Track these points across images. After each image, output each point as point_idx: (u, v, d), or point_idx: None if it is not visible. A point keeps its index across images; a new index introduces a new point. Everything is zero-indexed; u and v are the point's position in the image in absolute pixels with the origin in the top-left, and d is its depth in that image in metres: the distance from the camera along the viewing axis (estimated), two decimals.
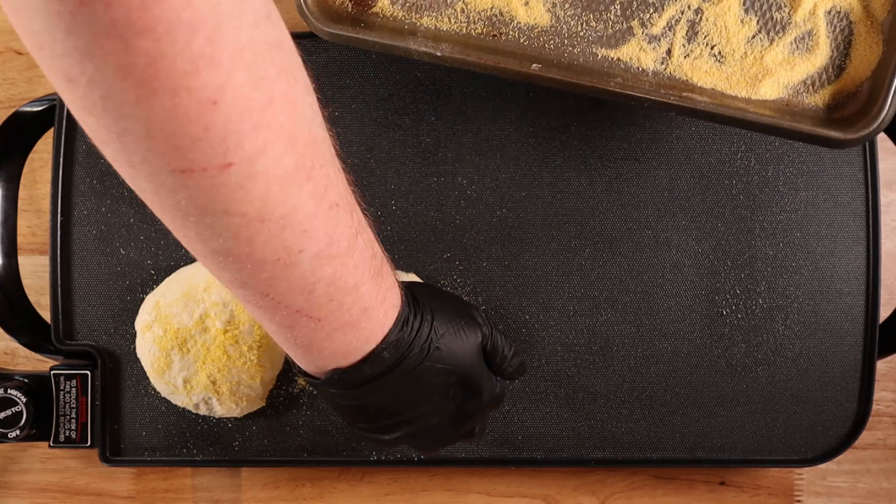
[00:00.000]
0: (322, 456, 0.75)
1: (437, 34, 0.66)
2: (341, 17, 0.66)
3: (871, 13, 0.63)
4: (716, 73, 0.65)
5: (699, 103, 0.63)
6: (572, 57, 0.65)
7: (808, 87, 0.64)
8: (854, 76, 0.64)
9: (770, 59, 0.64)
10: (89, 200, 0.75)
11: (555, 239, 0.75)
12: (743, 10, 0.64)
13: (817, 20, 0.64)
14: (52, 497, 0.82)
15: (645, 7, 0.65)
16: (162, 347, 0.72)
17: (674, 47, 0.65)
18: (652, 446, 0.75)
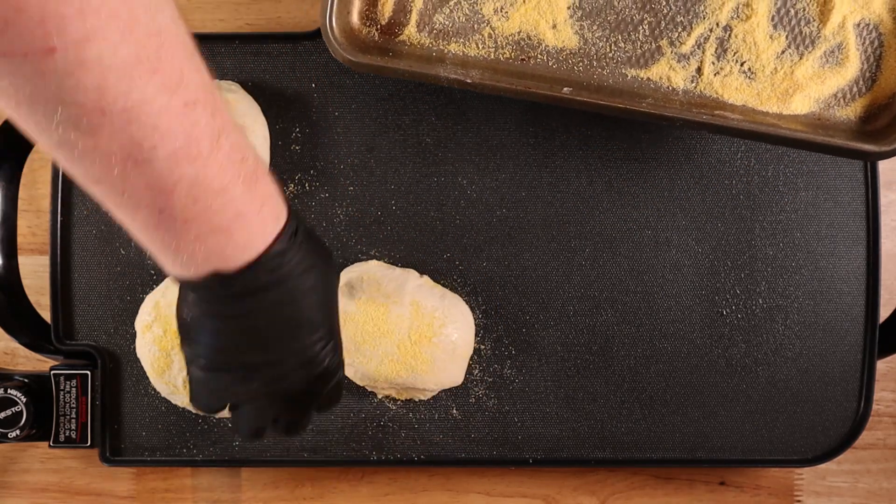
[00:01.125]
0: (322, 456, 0.75)
1: (466, 60, 0.66)
2: (368, 47, 0.66)
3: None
4: (746, 89, 0.65)
5: (731, 121, 0.63)
6: (602, 78, 0.65)
7: (839, 101, 0.64)
8: (885, 87, 0.64)
9: (800, 73, 0.64)
10: (89, 200, 0.75)
11: (555, 239, 0.75)
12: (772, 26, 0.64)
13: (847, 33, 0.64)
14: (52, 497, 0.82)
15: (674, 26, 0.65)
16: (162, 347, 0.72)
17: (704, 65, 0.65)
18: (652, 446, 0.75)
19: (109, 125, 0.43)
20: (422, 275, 0.74)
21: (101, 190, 0.48)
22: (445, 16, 0.66)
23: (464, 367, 0.73)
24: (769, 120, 0.64)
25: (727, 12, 0.64)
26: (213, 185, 0.48)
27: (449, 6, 0.66)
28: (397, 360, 0.71)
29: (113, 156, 0.44)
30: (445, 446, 0.75)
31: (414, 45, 0.67)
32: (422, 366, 0.71)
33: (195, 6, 0.84)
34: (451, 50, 0.66)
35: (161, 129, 0.44)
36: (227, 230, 0.50)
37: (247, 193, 0.50)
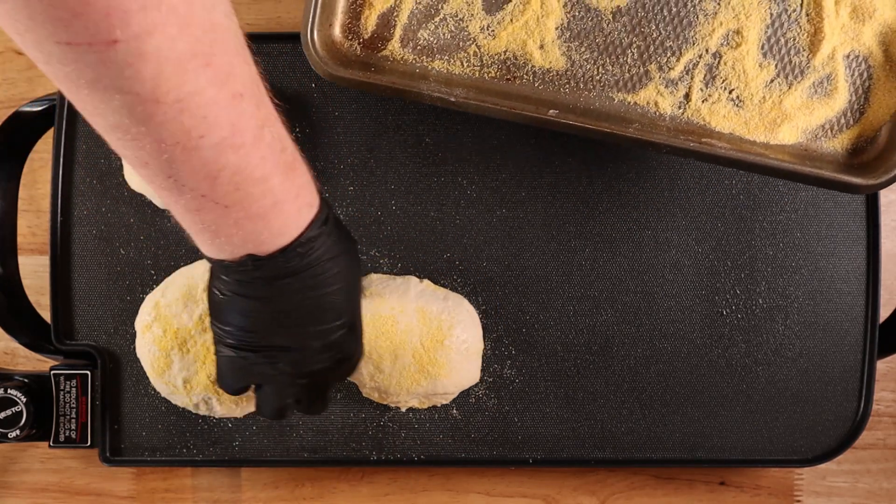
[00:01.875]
0: (322, 456, 0.75)
1: (450, 78, 0.65)
2: (350, 61, 0.65)
3: (890, 57, 0.63)
4: (734, 117, 0.64)
5: (719, 149, 0.62)
6: (588, 101, 0.64)
7: (826, 132, 0.64)
8: (873, 120, 0.63)
9: (789, 103, 0.64)
10: (89, 200, 0.75)
11: (555, 239, 0.75)
12: (761, 54, 0.64)
13: (836, 64, 0.63)
14: (52, 497, 0.82)
15: (663, 51, 0.64)
16: (162, 347, 0.72)
17: (692, 91, 0.64)
18: (652, 446, 0.75)
19: (162, 114, 0.45)
20: (421, 279, 0.74)
21: (147, 172, 0.49)
22: (430, 32, 0.65)
23: (478, 363, 0.73)
24: (756, 149, 0.63)
25: (717, 39, 0.64)
26: (254, 173, 0.50)
27: (434, 22, 0.65)
28: (415, 369, 0.71)
29: (162, 142, 0.46)
30: (445, 446, 0.75)
31: (397, 60, 0.65)
32: (440, 370, 0.71)
33: None
34: (435, 67, 0.65)
35: (209, 119, 0.46)
36: (264, 216, 0.52)
37: (285, 182, 0.52)
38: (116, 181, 0.75)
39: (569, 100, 0.65)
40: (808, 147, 0.64)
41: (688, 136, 0.63)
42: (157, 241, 0.75)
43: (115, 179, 0.75)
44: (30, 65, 0.84)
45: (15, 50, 0.84)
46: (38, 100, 0.77)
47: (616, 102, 0.65)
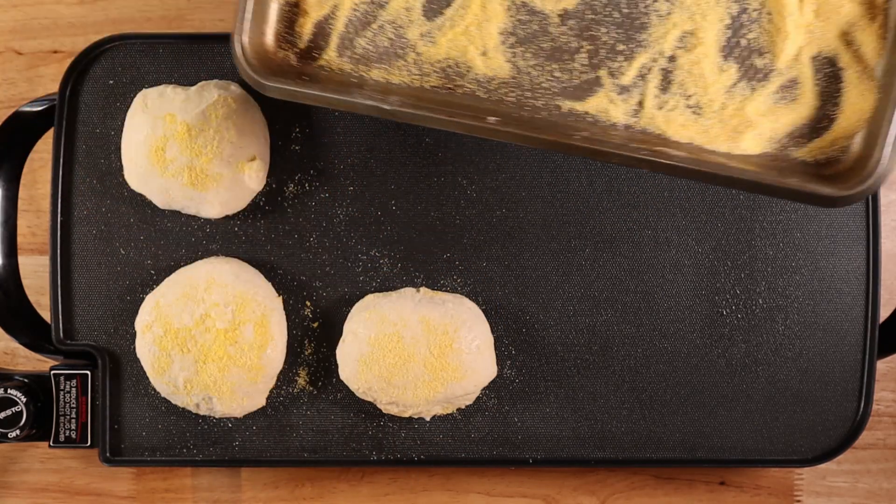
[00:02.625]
0: (322, 456, 0.75)
1: (388, 87, 0.60)
2: (284, 70, 0.61)
3: (861, 58, 0.57)
4: (692, 125, 0.59)
5: (675, 159, 0.56)
6: (535, 110, 0.59)
7: (795, 140, 0.58)
8: (847, 126, 0.58)
9: (752, 109, 0.59)
10: (89, 200, 0.75)
11: (555, 239, 0.75)
12: (721, 57, 0.58)
13: (802, 66, 0.58)
14: (52, 497, 0.82)
15: (613, 55, 0.59)
16: (162, 347, 0.72)
17: (646, 98, 0.59)
18: (652, 446, 0.75)
19: None
20: (418, 288, 0.74)
21: None
22: (368, 40, 0.61)
23: (492, 357, 0.73)
24: (717, 159, 0.58)
25: (672, 42, 0.59)
26: None
27: (372, 30, 0.61)
28: (429, 378, 0.71)
29: None
30: (445, 446, 0.75)
31: (333, 70, 0.61)
32: (454, 374, 0.71)
33: (195, 6, 0.84)
34: (373, 76, 0.61)
35: None
36: None
37: None
38: (116, 181, 0.75)
39: (513, 109, 0.60)
40: (775, 157, 0.58)
41: (642, 145, 0.58)
42: (157, 241, 0.75)
43: (115, 179, 0.75)
44: (30, 65, 0.84)
45: (15, 50, 0.84)
46: (38, 100, 0.77)
47: (565, 111, 0.59)
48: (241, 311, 0.72)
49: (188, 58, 0.75)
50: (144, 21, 0.84)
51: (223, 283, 0.72)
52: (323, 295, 0.75)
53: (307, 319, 0.75)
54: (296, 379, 0.75)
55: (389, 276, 0.75)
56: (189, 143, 0.72)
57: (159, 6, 0.84)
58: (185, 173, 0.72)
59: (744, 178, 0.56)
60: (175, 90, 0.73)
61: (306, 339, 0.75)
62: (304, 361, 0.75)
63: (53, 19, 0.84)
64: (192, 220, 0.75)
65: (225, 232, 0.75)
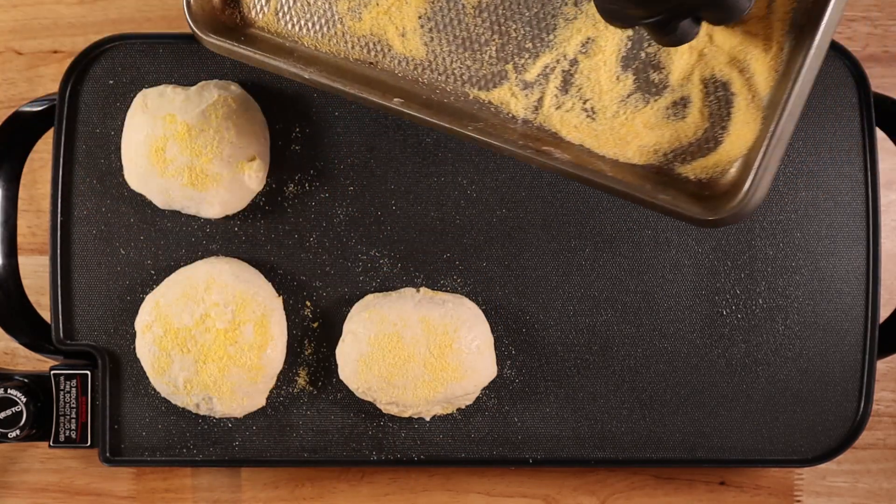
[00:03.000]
0: (322, 456, 0.75)
1: (316, 56, 0.64)
2: (229, 29, 0.65)
3: (753, 87, 0.58)
4: (585, 129, 0.60)
5: (559, 160, 0.59)
6: (444, 94, 0.62)
7: (679, 157, 0.59)
8: (730, 152, 0.58)
9: (642, 121, 0.60)
10: (89, 200, 0.75)
11: (555, 239, 0.75)
12: (620, 67, 0.60)
13: (693, 87, 0.59)
14: (52, 497, 0.82)
15: (521, 51, 0.61)
16: (162, 347, 0.72)
17: (545, 97, 0.61)
18: (652, 446, 0.75)
19: None
20: (418, 288, 0.74)
21: None
22: (302, 8, 0.64)
23: (492, 357, 0.73)
24: (600, 165, 0.59)
25: (575, 45, 0.60)
26: None
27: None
28: (429, 378, 0.71)
29: None
30: (445, 446, 0.75)
31: (271, 33, 0.65)
32: (454, 374, 0.71)
33: None
34: (304, 43, 0.64)
35: None
36: None
37: None
38: (116, 181, 0.75)
39: (425, 91, 0.62)
40: (660, 170, 0.59)
41: (535, 142, 0.60)
42: (157, 241, 0.75)
43: (115, 179, 0.75)
44: (30, 65, 0.84)
45: (15, 50, 0.84)
46: (38, 100, 0.77)
47: (471, 99, 0.62)
48: (241, 311, 0.72)
49: (188, 58, 0.75)
50: (144, 21, 0.84)
51: (223, 283, 0.72)
52: (323, 295, 0.75)
53: (307, 319, 0.75)
54: (296, 379, 0.75)
55: (389, 276, 0.75)
56: (189, 143, 0.72)
57: (159, 6, 0.84)
58: (185, 173, 0.72)
59: (617, 187, 0.58)
60: (175, 90, 0.73)
61: (306, 339, 0.75)
62: (304, 361, 0.75)
63: (53, 19, 0.84)
64: (192, 220, 0.75)
65: (225, 232, 0.75)
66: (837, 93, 0.74)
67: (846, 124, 0.74)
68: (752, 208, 0.56)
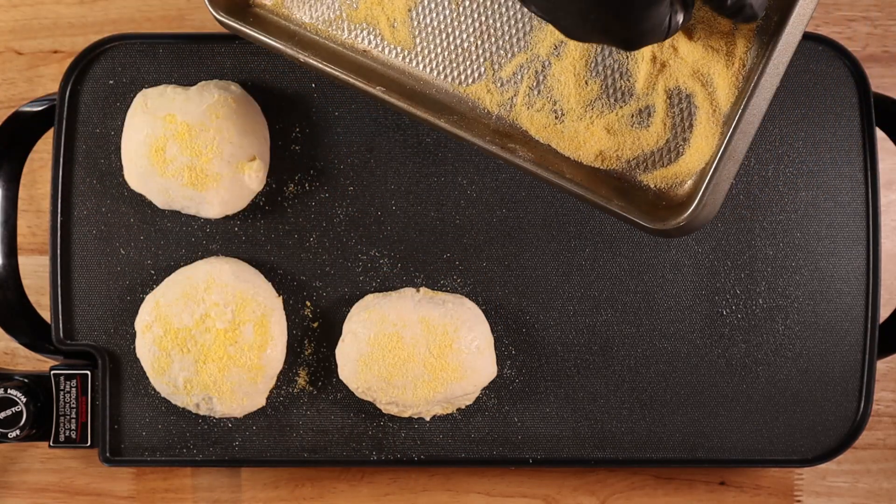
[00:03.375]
0: (322, 456, 0.75)
1: (315, 41, 0.67)
2: (238, 8, 0.68)
3: (714, 101, 0.59)
4: (552, 129, 0.62)
5: (522, 158, 0.61)
6: (427, 86, 0.65)
7: (641, 165, 0.61)
8: (689, 164, 0.59)
9: (606, 127, 0.61)
10: (89, 200, 0.75)
11: (555, 239, 0.75)
12: (588, 71, 0.61)
13: (657, 97, 0.60)
14: (52, 497, 0.82)
15: (497, 49, 0.63)
16: (162, 347, 0.72)
17: (518, 95, 0.63)
18: (652, 446, 0.75)
19: None
20: (418, 288, 0.74)
21: None
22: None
23: (492, 357, 0.73)
24: (560, 167, 0.61)
25: (548, 47, 0.62)
26: None
27: None
28: (429, 378, 0.71)
29: None
30: (445, 446, 0.75)
31: (279, 15, 0.68)
32: (453, 375, 0.71)
33: (195, 6, 0.84)
34: (307, 27, 0.67)
35: None
36: None
37: None
38: (116, 181, 0.75)
39: (410, 81, 0.65)
40: (621, 176, 0.61)
41: (504, 138, 0.62)
42: (157, 241, 0.75)
43: (115, 179, 0.75)
44: (30, 65, 0.84)
45: (15, 50, 0.84)
46: (38, 100, 0.77)
47: (451, 91, 0.64)
48: (241, 311, 0.72)
49: (188, 58, 0.75)
50: (144, 21, 0.84)
51: (223, 283, 0.72)
52: (323, 295, 0.75)
53: (307, 319, 0.75)
54: (296, 379, 0.75)
55: (389, 276, 0.75)
56: (189, 143, 0.72)
57: (159, 6, 0.84)
58: (185, 173, 0.72)
59: (573, 189, 0.60)
60: (175, 90, 0.73)
61: (306, 339, 0.75)
62: (304, 361, 0.75)
63: (53, 19, 0.84)
64: (192, 220, 0.75)
65: (225, 232, 0.75)
66: (837, 93, 0.74)
67: (846, 124, 0.74)
68: (700, 222, 0.57)
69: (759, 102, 0.55)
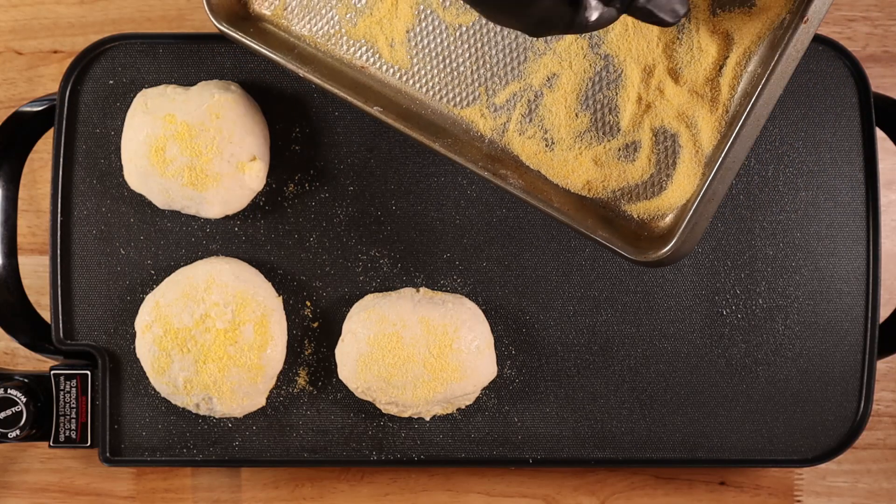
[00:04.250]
0: (322, 456, 0.75)
1: (315, 55, 0.68)
2: (241, 19, 0.70)
3: (698, 142, 0.61)
4: (542, 157, 0.65)
5: (512, 184, 0.64)
6: (422, 106, 0.67)
7: (625, 196, 0.64)
8: (671, 199, 0.62)
9: (594, 157, 0.64)
10: (89, 200, 0.75)
11: (555, 239, 0.75)
12: (579, 104, 0.64)
13: (643, 134, 0.63)
14: (52, 497, 0.82)
15: (492, 76, 0.65)
16: (162, 347, 0.72)
17: (511, 122, 0.65)
18: (652, 446, 0.75)
19: None
20: (418, 288, 0.74)
21: None
22: (307, 7, 0.69)
23: (492, 357, 0.73)
24: (549, 194, 0.64)
25: (541, 78, 0.64)
26: None
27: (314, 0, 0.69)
28: (429, 378, 0.71)
29: None
30: (445, 446, 0.75)
31: (279, 27, 0.69)
32: (453, 375, 0.71)
33: (195, 6, 0.84)
34: (306, 40, 0.69)
35: None
36: None
37: None
38: (116, 181, 0.75)
39: (406, 100, 0.67)
40: (606, 205, 0.64)
41: (496, 163, 0.65)
42: (157, 241, 0.75)
43: (115, 179, 0.75)
44: (30, 65, 0.84)
45: (15, 50, 0.84)
46: (38, 100, 0.77)
47: (445, 113, 0.67)
48: (241, 311, 0.72)
49: (188, 58, 0.75)
50: (144, 21, 0.84)
51: (223, 283, 0.72)
52: (323, 295, 0.75)
53: (307, 319, 0.75)
54: (296, 379, 0.75)
55: (389, 276, 0.75)
56: (189, 143, 0.72)
57: (159, 6, 0.84)
58: (185, 173, 0.72)
59: (560, 217, 0.63)
60: (175, 90, 0.73)
61: (306, 339, 0.75)
62: (304, 361, 0.75)
63: (53, 19, 0.84)
64: (192, 220, 0.75)
65: (225, 232, 0.75)
66: (837, 93, 0.74)
67: (846, 124, 0.74)
68: (680, 256, 0.60)
69: (739, 150, 0.58)
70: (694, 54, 0.61)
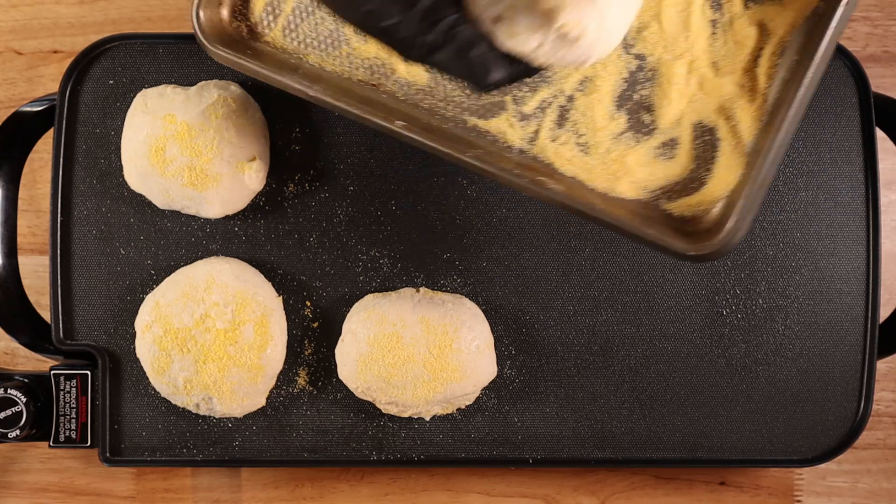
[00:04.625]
0: (322, 456, 0.75)
1: (320, 74, 0.65)
2: (235, 41, 0.65)
3: (737, 133, 0.61)
4: (578, 162, 0.63)
5: (552, 191, 0.61)
6: (443, 120, 0.64)
7: (667, 194, 0.62)
8: (713, 192, 0.61)
9: (632, 159, 0.62)
10: (89, 200, 0.75)
11: (555, 239, 0.75)
12: (614, 106, 0.63)
13: (683, 130, 0.62)
14: (52, 497, 0.82)
15: (519, 84, 0.63)
16: (162, 347, 0.72)
17: (542, 129, 0.63)
18: (652, 446, 0.75)
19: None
20: (418, 288, 0.74)
21: None
22: (310, 27, 0.65)
23: (492, 357, 0.73)
24: (591, 198, 0.62)
25: (573, 83, 0.63)
26: None
27: (315, 18, 0.65)
28: (429, 378, 0.71)
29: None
30: (445, 446, 0.75)
31: (277, 48, 0.66)
32: (453, 375, 0.71)
33: None
34: (309, 61, 0.65)
35: None
36: None
37: None
38: (116, 181, 0.75)
39: (425, 115, 0.64)
40: (647, 204, 0.62)
41: (530, 171, 0.62)
42: (157, 241, 0.75)
43: (115, 179, 0.75)
44: (30, 65, 0.84)
45: (15, 50, 0.84)
46: (38, 100, 0.77)
47: (469, 126, 0.64)
48: (241, 311, 0.72)
49: (188, 58, 0.75)
50: (144, 21, 0.84)
51: (223, 283, 0.72)
52: (323, 295, 0.75)
53: (307, 319, 0.75)
54: (296, 379, 0.75)
55: (389, 276, 0.75)
56: (189, 143, 0.72)
57: (159, 6, 0.84)
58: (185, 173, 0.72)
59: (608, 220, 0.60)
60: (175, 90, 0.73)
61: (306, 339, 0.75)
62: (304, 361, 0.75)
63: (53, 19, 0.84)
64: (192, 220, 0.75)
65: (225, 232, 0.75)
66: (837, 93, 0.74)
67: (846, 124, 0.74)
68: (733, 245, 0.59)
69: (787, 134, 0.58)
70: (730, 47, 0.61)
